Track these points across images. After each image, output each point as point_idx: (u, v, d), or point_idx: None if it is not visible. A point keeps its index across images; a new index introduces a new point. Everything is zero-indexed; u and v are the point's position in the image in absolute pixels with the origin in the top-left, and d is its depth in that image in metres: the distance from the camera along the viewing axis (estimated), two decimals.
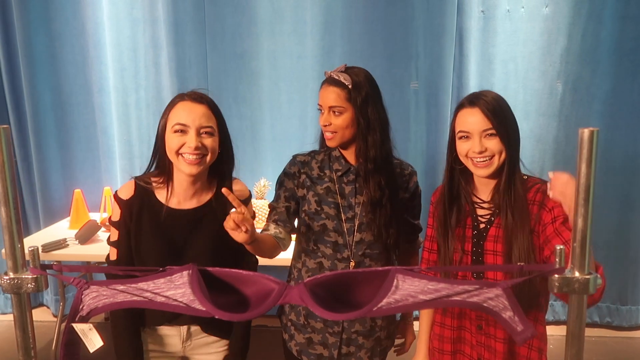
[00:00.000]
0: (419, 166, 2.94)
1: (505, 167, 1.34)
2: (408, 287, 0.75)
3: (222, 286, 0.80)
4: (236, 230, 1.21)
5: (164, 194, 1.41)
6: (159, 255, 1.39)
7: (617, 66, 2.80)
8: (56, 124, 3.02)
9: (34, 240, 2.54)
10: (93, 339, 0.78)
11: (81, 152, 3.07)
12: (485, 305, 0.73)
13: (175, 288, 0.76)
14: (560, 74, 2.80)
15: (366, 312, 0.75)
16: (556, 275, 0.73)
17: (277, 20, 2.85)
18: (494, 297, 0.73)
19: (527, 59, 2.79)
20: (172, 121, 1.34)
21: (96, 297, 0.77)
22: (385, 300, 0.74)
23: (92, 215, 2.86)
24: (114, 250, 1.43)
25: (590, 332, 3.11)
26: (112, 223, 1.43)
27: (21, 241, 0.76)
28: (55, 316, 3.20)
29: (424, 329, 1.57)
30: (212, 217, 1.43)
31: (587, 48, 2.77)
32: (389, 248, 1.54)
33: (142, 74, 2.93)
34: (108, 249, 1.47)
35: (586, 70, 2.80)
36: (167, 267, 0.79)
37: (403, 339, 1.74)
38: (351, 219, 1.50)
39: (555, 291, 0.73)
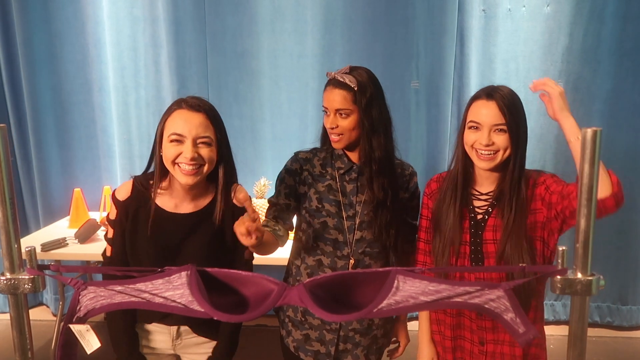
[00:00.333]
0: (420, 165, 2.93)
1: (511, 165, 1.36)
2: (409, 289, 0.74)
3: (220, 287, 0.79)
4: (246, 236, 1.20)
5: (161, 197, 1.40)
6: (153, 258, 1.38)
7: (618, 66, 2.79)
8: (56, 123, 3.01)
9: (34, 239, 2.54)
10: (90, 340, 0.77)
11: (81, 151, 3.06)
12: (486, 306, 0.73)
13: (173, 289, 0.75)
14: (562, 73, 2.79)
15: (366, 313, 0.74)
16: (558, 277, 0.73)
17: (278, 19, 2.84)
18: (496, 299, 0.73)
19: (528, 58, 2.78)
20: (168, 130, 1.32)
21: (94, 298, 0.76)
22: (385, 302, 0.73)
23: (92, 215, 2.85)
24: (109, 247, 1.44)
25: (590, 332, 3.10)
26: (108, 221, 1.43)
27: (18, 241, 0.75)
28: (55, 315, 3.20)
29: (424, 323, 1.58)
30: (209, 222, 1.42)
31: (588, 47, 2.76)
32: (388, 248, 1.54)
33: (142, 72, 2.92)
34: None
35: (587, 70, 2.79)
36: (166, 267, 0.78)
37: (397, 342, 1.71)
38: (352, 217, 1.51)
39: (557, 292, 0.73)
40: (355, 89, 1.42)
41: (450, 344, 1.51)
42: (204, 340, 1.51)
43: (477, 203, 1.44)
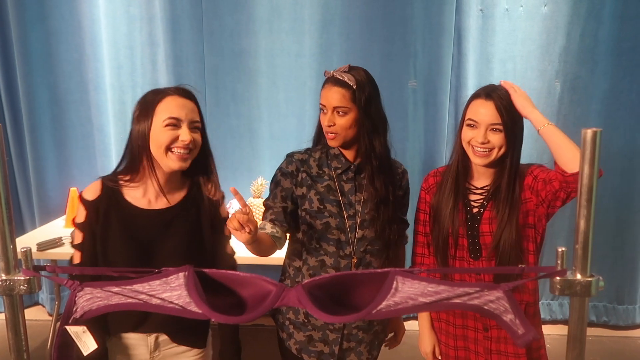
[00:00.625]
0: (417, 164, 2.93)
1: (508, 162, 1.44)
2: (408, 290, 0.73)
3: (218, 288, 0.78)
4: (240, 231, 1.20)
5: (133, 194, 1.35)
6: (128, 258, 1.32)
7: (615, 66, 2.79)
8: (52, 122, 2.99)
9: (29, 239, 2.52)
10: (87, 342, 0.76)
11: (77, 150, 3.04)
12: (486, 307, 0.72)
13: (171, 290, 0.75)
14: (559, 73, 2.79)
15: (365, 314, 0.73)
16: (558, 278, 0.73)
17: (275, 18, 2.83)
18: (495, 300, 0.72)
19: (526, 58, 2.78)
20: (162, 116, 1.28)
21: (90, 299, 0.75)
22: (384, 303, 0.73)
23: None
24: (78, 253, 1.34)
25: (587, 331, 3.10)
26: (76, 225, 1.35)
27: (13, 242, 0.74)
28: (51, 315, 3.18)
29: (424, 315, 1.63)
30: (184, 217, 1.38)
31: (585, 47, 2.76)
32: (389, 244, 1.56)
33: (139, 71, 2.91)
34: None
35: (584, 70, 2.79)
36: (163, 268, 0.77)
37: (394, 333, 1.76)
38: (352, 216, 1.52)
39: (557, 293, 0.73)
40: (354, 87, 1.43)
41: (453, 330, 1.56)
42: (184, 349, 1.45)
43: (472, 197, 1.50)
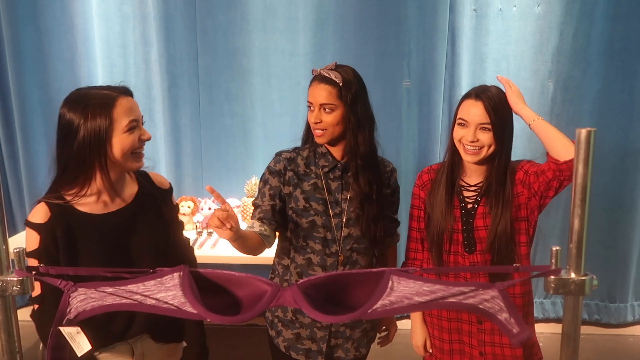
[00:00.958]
0: (411, 164, 2.93)
1: (497, 160, 1.48)
2: (403, 289, 0.74)
3: (213, 288, 0.78)
4: (221, 228, 1.21)
5: (86, 203, 1.28)
6: (113, 265, 1.26)
7: (608, 66, 2.81)
8: (44, 121, 2.96)
9: (21, 239, 2.50)
10: (81, 343, 0.76)
11: None
12: (481, 306, 0.73)
13: (165, 290, 0.74)
14: (552, 73, 2.81)
15: (361, 314, 0.73)
16: (552, 277, 0.73)
17: (269, 18, 2.83)
18: (490, 299, 0.73)
19: (519, 57, 2.79)
20: (122, 121, 1.23)
21: (84, 299, 0.75)
22: (380, 302, 0.73)
23: None
24: (38, 285, 1.16)
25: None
26: (28, 254, 1.20)
27: (6, 242, 0.74)
28: None
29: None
30: (144, 211, 1.37)
31: (578, 47, 2.78)
32: (376, 242, 1.57)
33: (132, 70, 2.89)
34: None
35: (577, 70, 2.81)
36: (158, 268, 0.77)
37: (387, 331, 1.77)
38: (339, 214, 1.53)
39: (551, 292, 0.73)
40: (341, 84, 1.44)
41: (447, 324, 1.58)
42: (168, 346, 1.46)
43: (466, 193, 1.55)
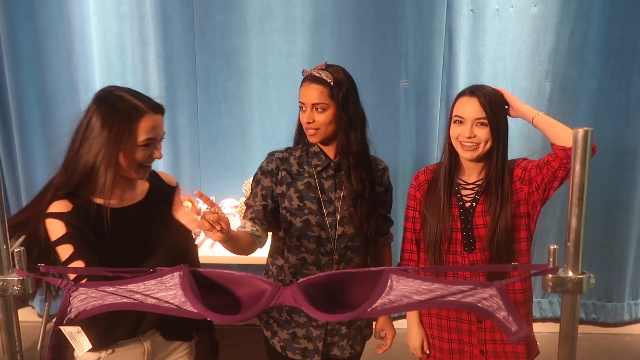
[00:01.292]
0: (409, 164, 2.93)
1: (494, 156, 1.49)
2: (402, 288, 0.74)
3: (213, 287, 0.78)
4: (211, 231, 1.20)
5: (101, 199, 1.30)
6: (125, 259, 1.27)
7: (604, 66, 2.82)
8: (41, 121, 2.95)
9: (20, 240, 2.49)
10: (81, 342, 0.76)
11: None
12: (479, 305, 0.73)
13: (166, 290, 0.75)
14: (548, 73, 2.82)
15: (360, 312, 0.74)
16: (550, 275, 0.74)
17: (267, 18, 2.83)
18: (488, 297, 0.73)
19: (516, 58, 2.80)
20: (141, 136, 1.29)
21: (85, 299, 0.75)
22: (379, 301, 0.73)
23: None
24: (77, 262, 1.20)
25: None
26: (58, 242, 1.23)
27: (7, 242, 0.74)
28: (41, 316, 3.15)
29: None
30: (157, 206, 1.42)
31: (574, 48, 2.79)
32: (369, 240, 1.58)
33: (130, 70, 2.89)
34: None
35: (574, 70, 2.82)
36: (158, 268, 0.77)
37: (384, 335, 1.73)
38: (332, 213, 1.53)
39: (549, 290, 0.74)
40: (332, 84, 1.45)
41: (447, 323, 1.58)
42: (176, 344, 1.49)
43: (464, 192, 1.55)
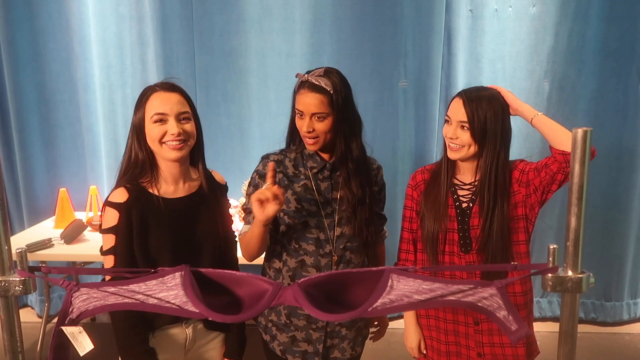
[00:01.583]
0: (407, 164, 2.94)
1: (482, 161, 1.48)
2: (403, 287, 0.74)
3: (214, 287, 0.79)
4: (270, 203, 1.31)
5: (157, 188, 1.41)
6: (172, 249, 1.38)
7: (602, 66, 2.83)
8: (40, 122, 2.96)
9: (18, 240, 2.49)
10: (83, 342, 0.76)
11: (66, 150, 3.01)
12: (479, 304, 0.74)
13: (167, 290, 0.75)
14: (547, 73, 2.83)
15: (361, 312, 0.74)
16: (549, 275, 0.74)
17: (266, 18, 2.83)
18: (489, 297, 0.74)
19: (515, 58, 2.81)
20: (149, 112, 1.36)
21: (86, 299, 0.75)
22: (380, 301, 0.73)
23: (78, 215, 2.82)
24: (110, 257, 1.36)
25: None
26: (106, 230, 1.36)
27: (8, 242, 0.74)
28: (40, 317, 3.15)
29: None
30: (207, 201, 1.47)
31: (573, 48, 2.80)
32: (368, 244, 1.58)
33: (129, 71, 2.89)
34: (94, 248, 1.44)
35: (572, 70, 2.83)
36: (159, 268, 0.78)
37: (379, 327, 1.80)
38: (330, 214, 1.53)
39: (548, 290, 0.74)
40: (332, 92, 1.43)
41: (444, 325, 1.58)
42: (215, 334, 1.55)
43: (461, 192, 1.55)
